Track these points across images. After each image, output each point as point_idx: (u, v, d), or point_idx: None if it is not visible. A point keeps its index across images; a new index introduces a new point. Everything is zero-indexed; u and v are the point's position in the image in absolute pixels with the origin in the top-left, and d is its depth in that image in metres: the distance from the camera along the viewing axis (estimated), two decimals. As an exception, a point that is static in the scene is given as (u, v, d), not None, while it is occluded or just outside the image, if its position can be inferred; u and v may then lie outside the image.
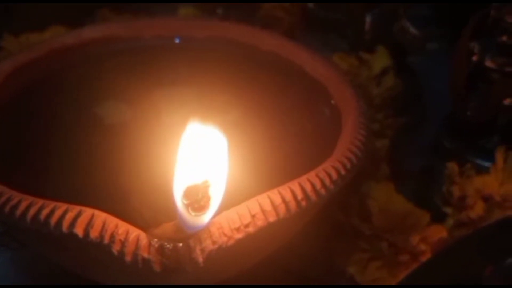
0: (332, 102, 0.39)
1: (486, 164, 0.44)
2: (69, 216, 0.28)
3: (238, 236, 0.29)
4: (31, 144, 0.40)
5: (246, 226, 0.29)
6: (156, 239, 0.28)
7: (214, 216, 0.28)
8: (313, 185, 0.31)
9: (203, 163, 0.28)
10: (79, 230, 0.28)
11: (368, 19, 0.52)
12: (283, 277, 0.40)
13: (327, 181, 0.31)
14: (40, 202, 0.29)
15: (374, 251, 0.40)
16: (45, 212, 0.28)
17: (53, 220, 0.28)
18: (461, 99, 0.45)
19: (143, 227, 0.28)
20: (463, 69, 0.44)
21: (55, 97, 0.42)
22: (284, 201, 0.30)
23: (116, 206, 0.33)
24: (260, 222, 0.29)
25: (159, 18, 0.48)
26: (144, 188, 0.41)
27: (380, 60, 0.50)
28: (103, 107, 0.44)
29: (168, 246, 0.28)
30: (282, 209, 0.30)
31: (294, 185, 0.30)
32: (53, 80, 0.42)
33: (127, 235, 0.28)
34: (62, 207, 0.28)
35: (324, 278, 0.41)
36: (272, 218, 0.29)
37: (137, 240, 0.28)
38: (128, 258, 0.28)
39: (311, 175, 0.31)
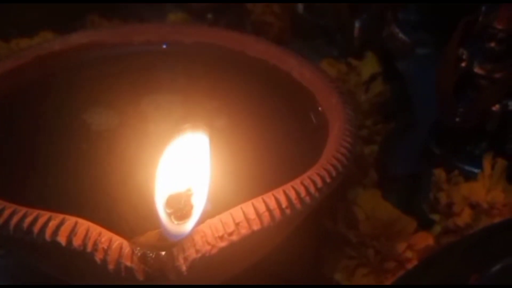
0: (319, 109, 0.39)
1: (474, 170, 0.44)
2: (52, 224, 0.28)
3: (222, 244, 0.29)
4: (16, 150, 0.40)
5: (230, 234, 0.29)
6: (139, 248, 0.28)
7: (198, 224, 0.28)
8: (297, 193, 0.31)
9: (185, 171, 0.28)
10: (62, 238, 0.28)
11: (357, 24, 0.52)
12: (269, 284, 0.40)
13: (312, 189, 0.31)
14: (23, 210, 0.28)
15: (361, 258, 0.40)
16: (28, 220, 0.28)
17: (36, 228, 0.28)
18: (449, 105, 0.45)
19: (128, 235, 0.28)
20: (451, 75, 0.44)
21: (42, 103, 0.42)
22: (268, 209, 0.30)
23: (102, 213, 0.33)
24: (244, 231, 0.29)
25: (147, 24, 0.48)
26: (130, 195, 0.41)
27: (369, 66, 0.50)
28: (90, 113, 0.43)
29: (151, 254, 0.27)
30: (266, 217, 0.29)
31: (279, 193, 0.30)
32: (40, 86, 0.42)
33: (110, 243, 0.28)
34: (45, 215, 0.28)
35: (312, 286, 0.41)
36: (256, 227, 0.29)
37: (120, 248, 0.28)
38: (111, 266, 0.28)
39: (296, 182, 0.31)
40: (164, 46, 0.45)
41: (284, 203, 0.30)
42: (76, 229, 0.28)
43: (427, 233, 0.41)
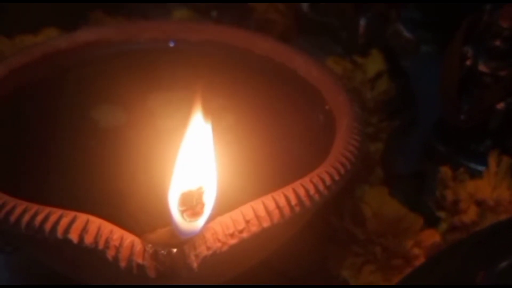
0: (326, 107, 0.39)
1: (479, 168, 0.44)
2: (64, 222, 0.28)
3: (232, 241, 0.29)
4: (24, 148, 0.40)
5: (240, 231, 0.29)
6: (150, 245, 0.28)
7: (208, 222, 0.28)
8: (307, 191, 0.31)
9: (197, 169, 0.28)
10: (73, 236, 0.28)
11: (362, 22, 0.52)
12: (276, 281, 0.40)
13: (321, 187, 0.31)
14: (34, 207, 0.29)
15: (368, 255, 0.40)
16: (39, 217, 0.28)
17: (48, 226, 0.28)
18: (453, 103, 0.45)
19: (138, 232, 0.28)
20: (456, 73, 0.44)
21: (49, 100, 0.42)
22: (278, 206, 0.30)
23: (111, 211, 0.33)
24: (254, 228, 0.29)
25: (153, 21, 0.48)
26: (139, 192, 0.41)
27: (374, 63, 0.50)
28: (97, 110, 0.44)
29: (163, 252, 0.28)
30: (276, 214, 0.30)
31: (288, 191, 0.30)
32: (47, 83, 0.42)
33: (122, 240, 0.28)
34: (56, 212, 0.28)
35: (318, 282, 0.41)
36: (266, 224, 0.29)
37: (132, 245, 0.28)
38: (122, 263, 0.28)
39: (305, 180, 0.31)
40: (171, 44, 0.45)
41: (293, 201, 0.30)
42: (88, 227, 0.28)
43: (434, 230, 0.41)
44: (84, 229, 0.28)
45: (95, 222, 0.28)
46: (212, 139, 0.29)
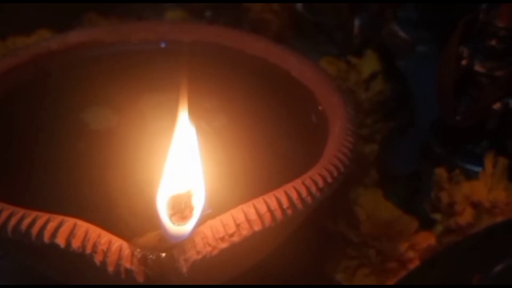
0: (320, 108, 0.38)
1: (475, 169, 0.44)
2: (51, 226, 0.27)
3: (223, 245, 0.28)
4: (13, 150, 0.39)
5: (231, 235, 0.28)
6: (139, 249, 0.27)
7: (198, 226, 0.28)
8: (299, 193, 0.30)
9: (185, 172, 0.28)
10: (60, 240, 0.27)
11: (356, 23, 0.51)
12: (270, 284, 0.40)
13: (313, 189, 0.31)
14: (21, 212, 0.28)
15: (362, 259, 0.40)
16: (26, 222, 0.28)
17: (35, 231, 0.27)
18: (450, 103, 0.45)
19: (128, 236, 0.28)
20: (452, 73, 0.44)
21: (39, 102, 0.41)
22: (269, 209, 0.29)
23: (101, 214, 0.33)
24: (245, 231, 0.29)
25: (145, 22, 0.48)
26: (130, 195, 0.40)
27: (369, 64, 0.49)
28: (88, 112, 0.43)
29: (151, 256, 0.27)
30: (267, 218, 0.29)
31: (280, 193, 0.30)
32: (37, 85, 0.42)
33: (110, 245, 0.27)
34: (43, 217, 0.28)
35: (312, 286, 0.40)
36: (257, 227, 0.29)
37: (120, 250, 0.27)
38: (110, 268, 0.27)
39: (297, 182, 0.31)
40: (163, 45, 0.44)
41: (285, 204, 0.30)
42: (75, 231, 0.27)
43: (429, 232, 0.41)
44: (71, 233, 0.27)
45: (83, 226, 0.28)
46: (197, 141, 0.29)
